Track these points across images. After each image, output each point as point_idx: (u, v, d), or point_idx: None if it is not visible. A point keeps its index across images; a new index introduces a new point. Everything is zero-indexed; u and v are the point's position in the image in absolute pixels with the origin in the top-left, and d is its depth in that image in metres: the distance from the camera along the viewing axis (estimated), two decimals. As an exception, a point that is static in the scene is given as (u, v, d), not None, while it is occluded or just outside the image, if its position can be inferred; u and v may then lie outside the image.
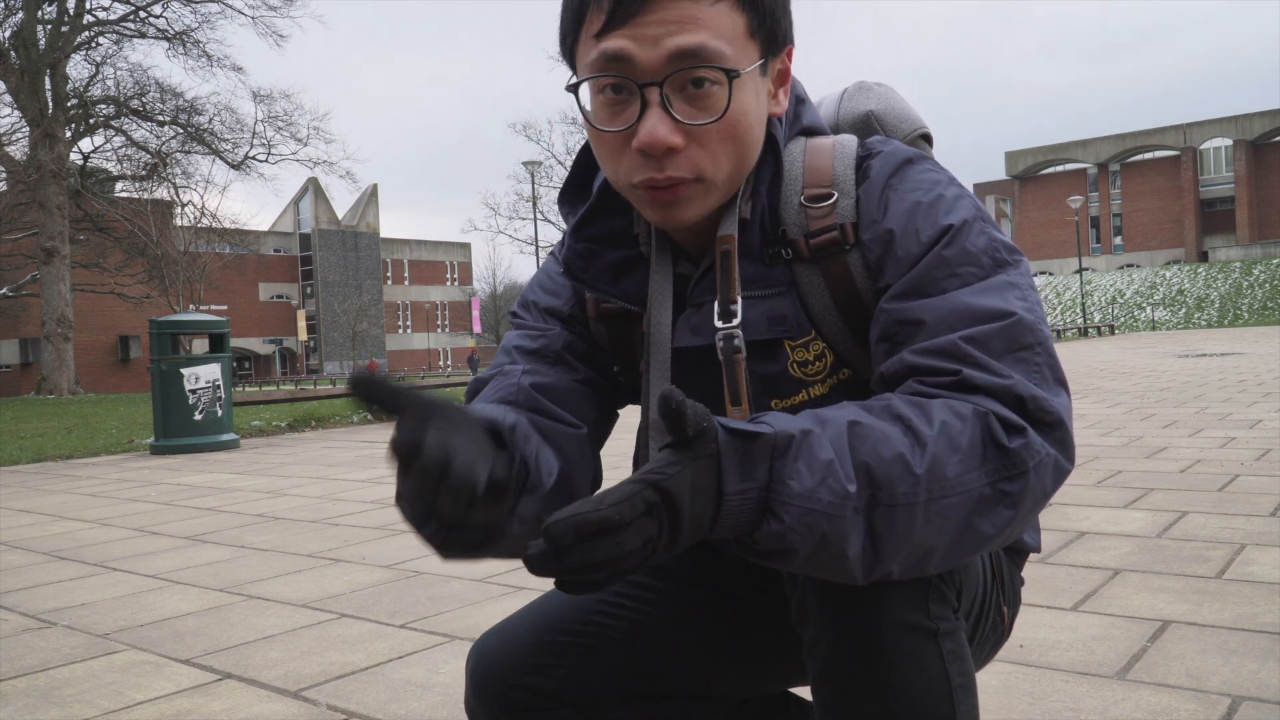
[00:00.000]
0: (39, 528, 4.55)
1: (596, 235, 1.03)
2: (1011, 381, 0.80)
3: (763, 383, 0.97)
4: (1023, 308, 0.85)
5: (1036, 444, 0.78)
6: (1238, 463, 4.47)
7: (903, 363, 0.85)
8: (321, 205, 65.11)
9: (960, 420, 0.77)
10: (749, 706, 1.17)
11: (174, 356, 8.20)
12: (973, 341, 0.82)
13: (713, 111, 0.87)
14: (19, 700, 2.10)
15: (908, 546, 0.74)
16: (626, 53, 0.85)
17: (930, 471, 0.74)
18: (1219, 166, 59.38)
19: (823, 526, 0.71)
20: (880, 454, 0.73)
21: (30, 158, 23.47)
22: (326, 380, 47.84)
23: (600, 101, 0.89)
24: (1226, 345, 18.08)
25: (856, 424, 0.75)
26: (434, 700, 1.98)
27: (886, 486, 0.73)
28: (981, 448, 0.76)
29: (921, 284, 0.87)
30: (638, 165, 0.88)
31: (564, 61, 0.96)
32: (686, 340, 0.98)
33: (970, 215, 0.90)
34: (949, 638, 0.84)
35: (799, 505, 0.71)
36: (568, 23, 0.91)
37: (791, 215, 0.96)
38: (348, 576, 3.16)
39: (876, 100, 1.13)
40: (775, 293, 0.96)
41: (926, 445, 0.74)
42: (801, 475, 0.71)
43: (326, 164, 29.55)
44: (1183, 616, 2.24)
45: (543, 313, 1.07)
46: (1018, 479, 0.77)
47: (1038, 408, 0.80)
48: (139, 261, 29.47)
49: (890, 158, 0.95)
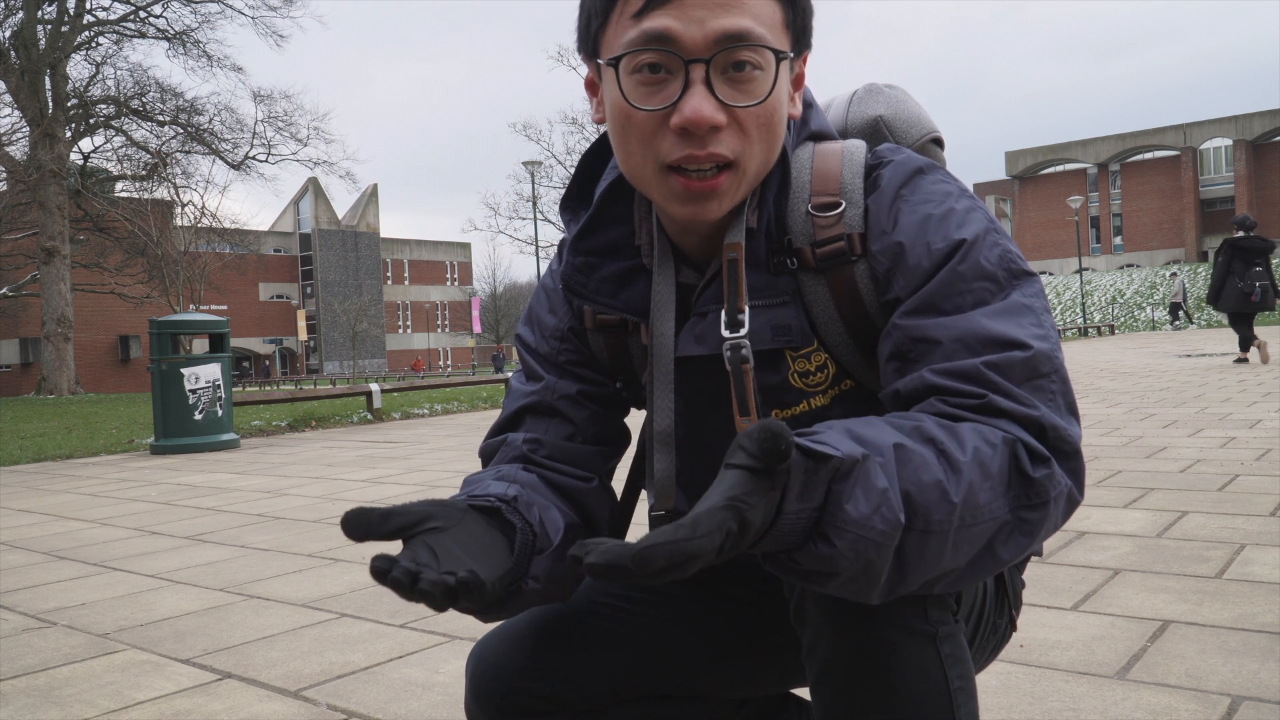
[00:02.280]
0: (39, 528, 4.55)
1: (595, 247, 1.02)
2: (1038, 413, 0.81)
3: (764, 393, 0.96)
4: (1038, 334, 0.85)
5: (1059, 475, 0.78)
6: (1238, 463, 4.47)
7: (923, 381, 0.84)
8: (321, 205, 65.10)
9: (991, 448, 0.76)
10: (748, 707, 1.17)
11: (174, 356, 8.20)
12: (995, 368, 0.82)
13: (755, 95, 0.87)
14: (19, 700, 2.10)
15: (934, 571, 0.74)
16: (671, 32, 0.84)
17: (966, 500, 0.73)
18: (1219, 166, 59.36)
19: (870, 554, 0.70)
20: (920, 480, 0.72)
21: (30, 158, 23.48)
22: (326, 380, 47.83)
23: (634, 81, 0.87)
24: (1227, 345, 18.07)
25: (901, 447, 0.73)
26: (434, 700, 1.98)
27: (923, 514, 0.72)
28: (1008, 475, 0.76)
29: (936, 301, 0.87)
30: (675, 144, 0.87)
31: (581, 51, 0.94)
32: (690, 349, 0.97)
33: (983, 229, 0.89)
34: (948, 641, 0.84)
35: (853, 532, 0.69)
36: (595, 7, 0.90)
37: (798, 223, 0.95)
38: (348, 576, 3.16)
39: (886, 104, 1.11)
40: (780, 302, 0.95)
41: (962, 473, 0.74)
42: (858, 501, 0.69)
43: (326, 164, 29.64)
44: (1183, 616, 2.24)
45: (544, 332, 1.08)
46: (1039, 508, 0.77)
47: (1057, 437, 0.80)
48: (139, 261, 29.47)
49: (901, 167, 0.94)
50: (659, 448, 0.99)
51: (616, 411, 1.09)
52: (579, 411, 1.05)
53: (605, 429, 1.07)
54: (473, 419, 10.40)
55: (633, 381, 1.07)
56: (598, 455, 1.06)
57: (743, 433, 0.67)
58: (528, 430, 1.05)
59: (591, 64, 0.94)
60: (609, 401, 1.08)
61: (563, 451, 1.04)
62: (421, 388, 14.31)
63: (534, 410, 1.06)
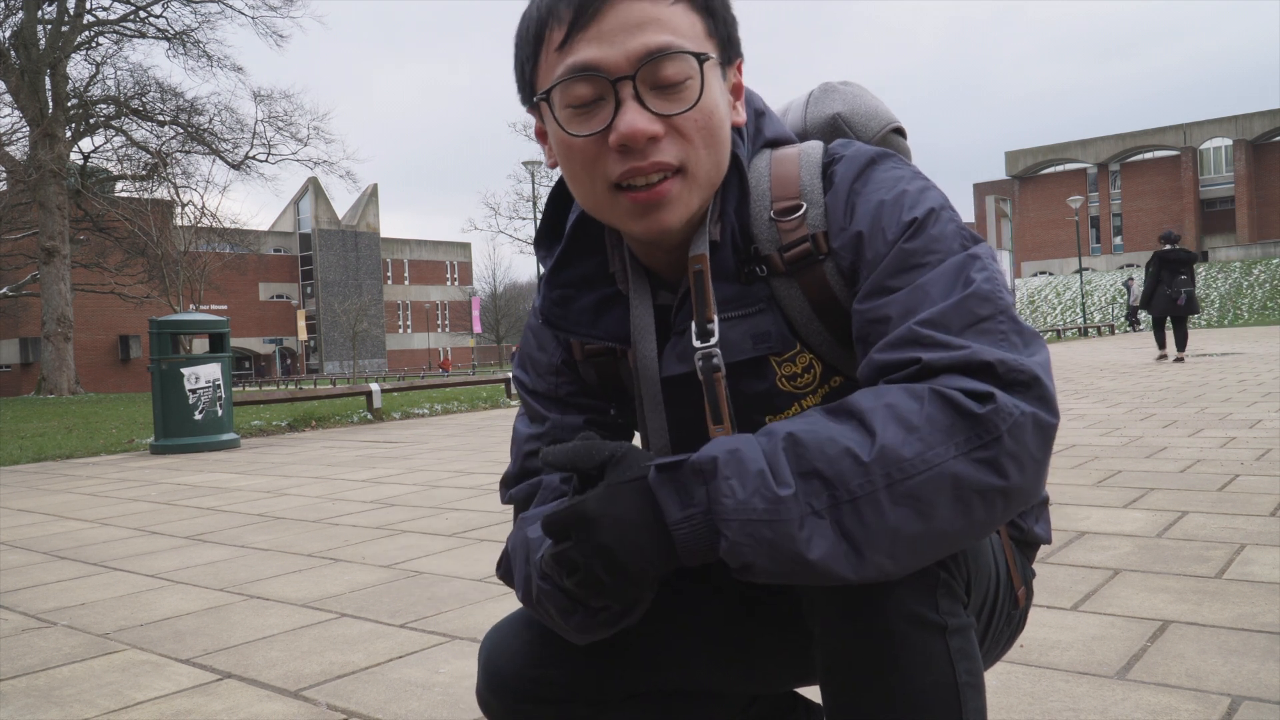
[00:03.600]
0: (39, 528, 4.55)
1: (571, 280, 1.03)
2: (969, 350, 0.80)
3: (754, 400, 0.97)
4: (982, 278, 0.85)
5: (1008, 405, 0.77)
6: (1238, 462, 4.47)
7: (870, 364, 0.85)
8: (321, 205, 65.11)
9: (915, 399, 0.77)
10: (757, 705, 1.17)
11: (174, 356, 8.21)
12: (929, 324, 0.82)
13: (687, 101, 0.88)
14: (19, 700, 2.10)
15: (887, 537, 0.74)
16: (594, 60, 0.87)
17: (881, 457, 0.74)
18: (1219, 166, 59.36)
19: (765, 533, 0.73)
20: (826, 454, 0.75)
21: (30, 158, 23.49)
22: (326, 380, 47.80)
23: (569, 113, 0.90)
24: (1226, 345, 18.07)
25: (794, 433, 0.77)
26: (434, 700, 1.98)
27: (840, 483, 0.74)
28: (947, 421, 0.76)
29: (885, 281, 0.87)
30: (617, 161, 0.88)
31: (525, 103, 0.96)
32: (674, 368, 0.98)
33: (935, 204, 0.90)
34: (957, 634, 0.84)
35: (737, 519, 0.74)
36: (526, 48, 0.92)
37: (763, 230, 0.96)
38: (348, 576, 3.16)
39: (843, 101, 1.12)
40: (755, 310, 0.96)
41: (875, 433, 0.75)
42: (734, 489, 0.74)
43: (326, 164, 29.58)
44: (1183, 616, 2.24)
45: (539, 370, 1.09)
46: (993, 444, 0.75)
47: (1007, 369, 0.79)
48: (139, 261, 29.49)
49: (853, 161, 0.95)
50: None
51: (622, 437, 1.09)
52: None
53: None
54: (473, 419, 10.40)
55: (628, 406, 1.08)
56: None
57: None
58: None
59: (532, 109, 0.96)
60: (613, 430, 1.08)
61: None
62: (421, 388, 14.31)
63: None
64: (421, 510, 4.46)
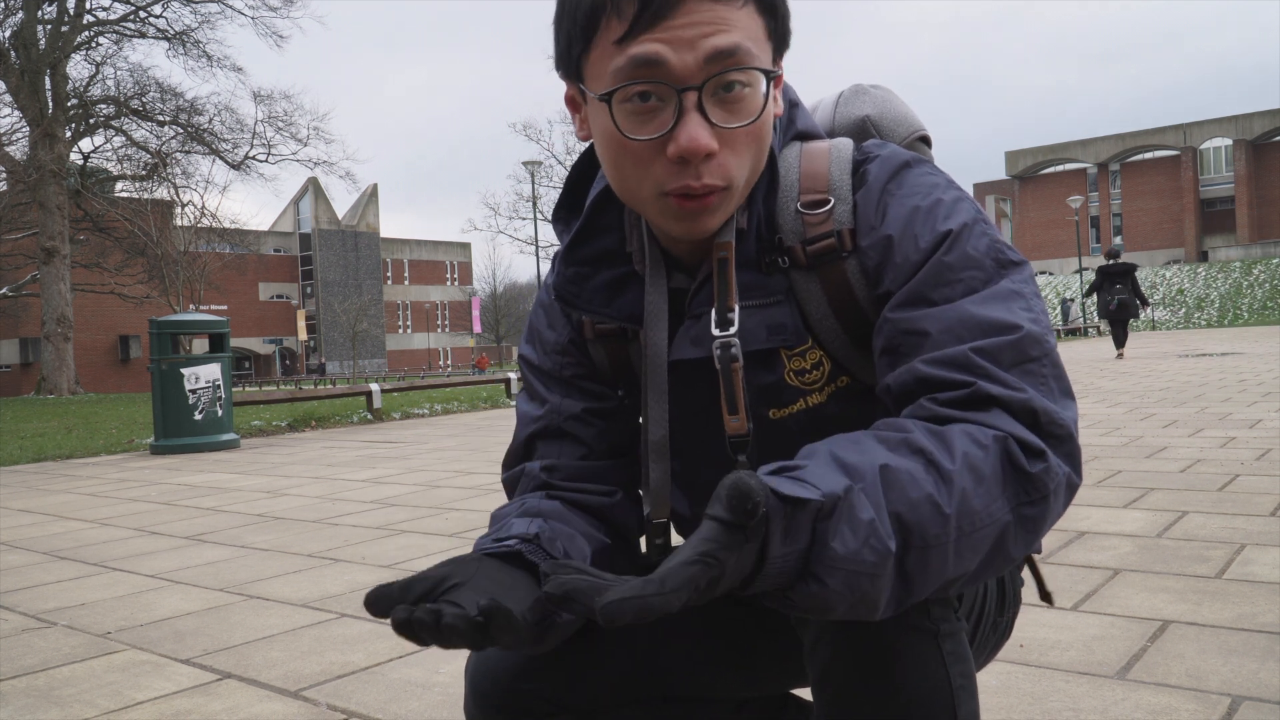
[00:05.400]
0: (39, 528, 4.55)
1: (587, 257, 1.02)
2: (1027, 396, 0.80)
3: (760, 392, 0.96)
4: (1028, 319, 0.84)
5: (1056, 467, 0.78)
6: (1238, 462, 4.47)
7: (913, 374, 0.84)
8: (321, 205, 65.11)
9: (982, 450, 0.76)
10: (749, 708, 1.17)
11: (174, 356, 8.21)
12: (983, 353, 0.82)
13: (745, 115, 0.86)
14: (19, 700, 2.10)
15: (938, 582, 0.74)
16: (660, 57, 0.83)
17: (959, 510, 0.73)
18: (1219, 166, 59.35)
19: (864, 586, 0.70)
20: (910, 498, 0.72)
21: (30, 158, 23.48)
22: (327, 380, 47.82)
23: (626, 111, 0.86)
24: (1226, 345, 18.07)
25: (886, 468, 0.73)
26: (434, 700, 1.98)
27: (918, 531, 0.71)
28: (1003, 474, 0.76)
29: (924, 293, 0.87)
30: (672, 173, 0.86)
31: (561, 71, 0.93)
32: (686, 353, 0.97)
33: (970, 218, 0.89)
34: (950, 639, 0.84)
35: (843, 569, 0.69)
36: (575, 32, 0.88)
37: (788, 222, 0.95)
38: (348, 576, 3.16)
39: (873, 104, 1.12)
40: (773, 301, 0.95)
41: (953, 482, 0.73)
42: (845, 537, 0.69)
43: (326, 164, 29.61)
44: (1183, 616, 2.24)
45: (546, 348, 1.08)
46: (1040, 503, 0.76)
47: (1050, 421, 0.79)
48: (139, 261, 29.47)
49: (887, 162, 0.94)
50: (654, 458, 1.00)
51: (625, 423, 1.09)
52: (587, 430, 1.05)
53: (618, 440, 1.07)
54: (473, 419, 10.40)
55: (636, 388, 1.07)
56: (615, 468, 1.06)
57: (721, 482, 0.67)
58: (541, 457, 1.06)
59: (573, 85, 0.93)
60: (616, 415, 1.08)
61: (580, 471, 1.04)
62: (421, 388, 14.31)
63: (543, 435, 1.06)
64: (421, 510, 4.46)
